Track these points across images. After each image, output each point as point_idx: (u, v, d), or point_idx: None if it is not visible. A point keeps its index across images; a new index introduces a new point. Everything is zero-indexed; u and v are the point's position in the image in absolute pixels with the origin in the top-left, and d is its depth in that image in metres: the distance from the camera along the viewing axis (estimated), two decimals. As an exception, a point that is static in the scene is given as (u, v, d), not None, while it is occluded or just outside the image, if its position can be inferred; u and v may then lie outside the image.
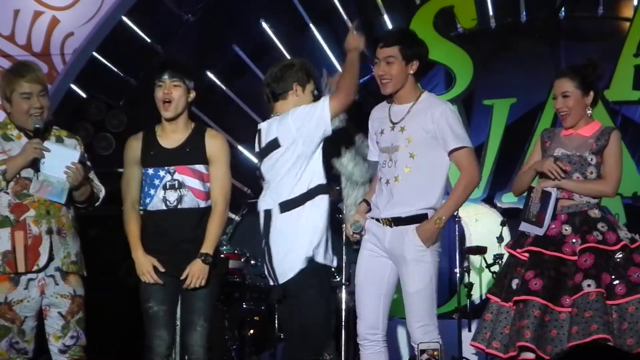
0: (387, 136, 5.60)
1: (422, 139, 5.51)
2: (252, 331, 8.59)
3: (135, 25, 10.17)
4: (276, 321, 8.15)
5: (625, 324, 5.42)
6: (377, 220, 5.57)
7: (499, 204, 10.10)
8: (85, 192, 5.59)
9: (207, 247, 5.60)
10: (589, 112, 5.74)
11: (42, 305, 5.44)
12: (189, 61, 10.46)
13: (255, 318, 8.65)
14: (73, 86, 9.87)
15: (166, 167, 5.65)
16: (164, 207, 5.64)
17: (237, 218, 9.68)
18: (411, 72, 5.63)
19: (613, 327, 5.42)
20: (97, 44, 9.57)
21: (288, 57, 10.64)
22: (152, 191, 5.69)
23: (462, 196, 5.56)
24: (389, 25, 10.64)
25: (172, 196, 5.63)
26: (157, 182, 5.67)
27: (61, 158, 5.44)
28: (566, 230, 5.60)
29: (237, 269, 8.53)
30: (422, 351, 4.50)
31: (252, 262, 8.71)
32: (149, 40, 10.30)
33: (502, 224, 9.06)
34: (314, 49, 10.65)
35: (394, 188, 5.51)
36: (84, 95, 10.18)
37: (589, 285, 5.44)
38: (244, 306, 8.57)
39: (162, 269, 5.59)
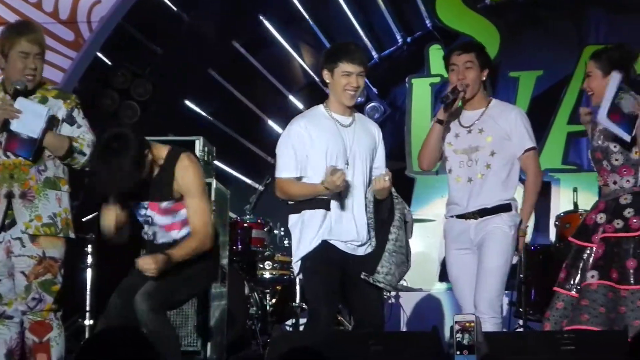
0: (464, 138, 5.89)
1: (500, 138, 5.83)
2: (273, 300, 8.63)
3: (162, -7, 10.18)
4: (297, 290, 8.17)
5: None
6: (461, 217, 5.87)
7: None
8: (59, 147, 5.36)
9: (174, 252, 5.23)
10: None
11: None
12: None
13: (277, 287, 8.69)
14: (99, 54, 9.88)
15: (141, 202, 5.38)
16: (146, 239, 5.46)
17: (260, 187, 9.68)
18: (483, 78, 5.95)
19: (611, 319, 5.38)
20: (124, 12, 9.54)
21: (315, 27, 10.64)
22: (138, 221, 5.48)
23: (535, 198, 5.94)
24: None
25: (149, 230, 5.42)
26: (139, 216, 5.42)
27: (33, 115, 5.30)
28: (601, 218, 5.60)
29: (260, 238, 8.54)
30: (457, 322, 4.55)
31: (275, 231, 8.74)
32: (175, 9, 10.31)
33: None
34: (340, 19, 10.63)
35: (477, 184, 5.82)
36: (109, 63, 10.21)
37: (592, 277, 5.46)
38: (266, 275, 8.62)
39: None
